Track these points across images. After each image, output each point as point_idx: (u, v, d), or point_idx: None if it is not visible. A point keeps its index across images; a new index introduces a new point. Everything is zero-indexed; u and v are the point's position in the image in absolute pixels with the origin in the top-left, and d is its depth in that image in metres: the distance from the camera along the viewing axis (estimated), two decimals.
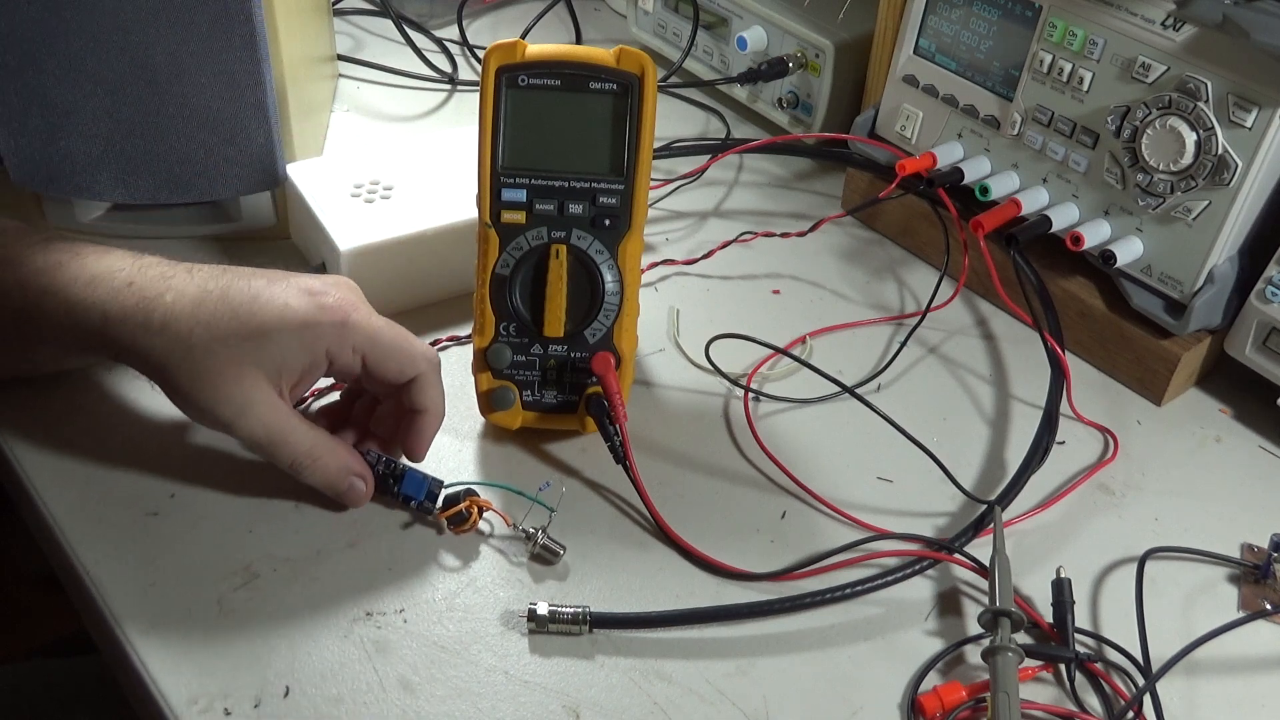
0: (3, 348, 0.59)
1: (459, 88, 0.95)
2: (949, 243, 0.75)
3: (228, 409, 0.54)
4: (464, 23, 1.00)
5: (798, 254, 0.79)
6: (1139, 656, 0.54)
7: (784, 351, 0.68)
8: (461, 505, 0.57)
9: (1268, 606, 0.58)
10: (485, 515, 0.58)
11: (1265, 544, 0.60)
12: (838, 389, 0.65)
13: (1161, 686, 0.53)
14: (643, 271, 0.63)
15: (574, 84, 0.57)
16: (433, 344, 0.68)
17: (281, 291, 0.55)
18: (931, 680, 0.53)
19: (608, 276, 0.60)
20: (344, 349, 0.55)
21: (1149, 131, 0.64)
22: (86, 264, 0.55)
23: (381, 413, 0.61)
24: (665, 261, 0.76)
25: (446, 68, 0.96)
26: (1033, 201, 0.70)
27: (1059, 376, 0.66)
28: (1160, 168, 0.64)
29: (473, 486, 0.58)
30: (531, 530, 0.57)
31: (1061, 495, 0.63)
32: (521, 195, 0.59)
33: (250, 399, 0.54)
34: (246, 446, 0.56)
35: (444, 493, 0.58)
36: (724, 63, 0.93)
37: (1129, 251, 0.67)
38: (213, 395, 0.53)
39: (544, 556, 0.57)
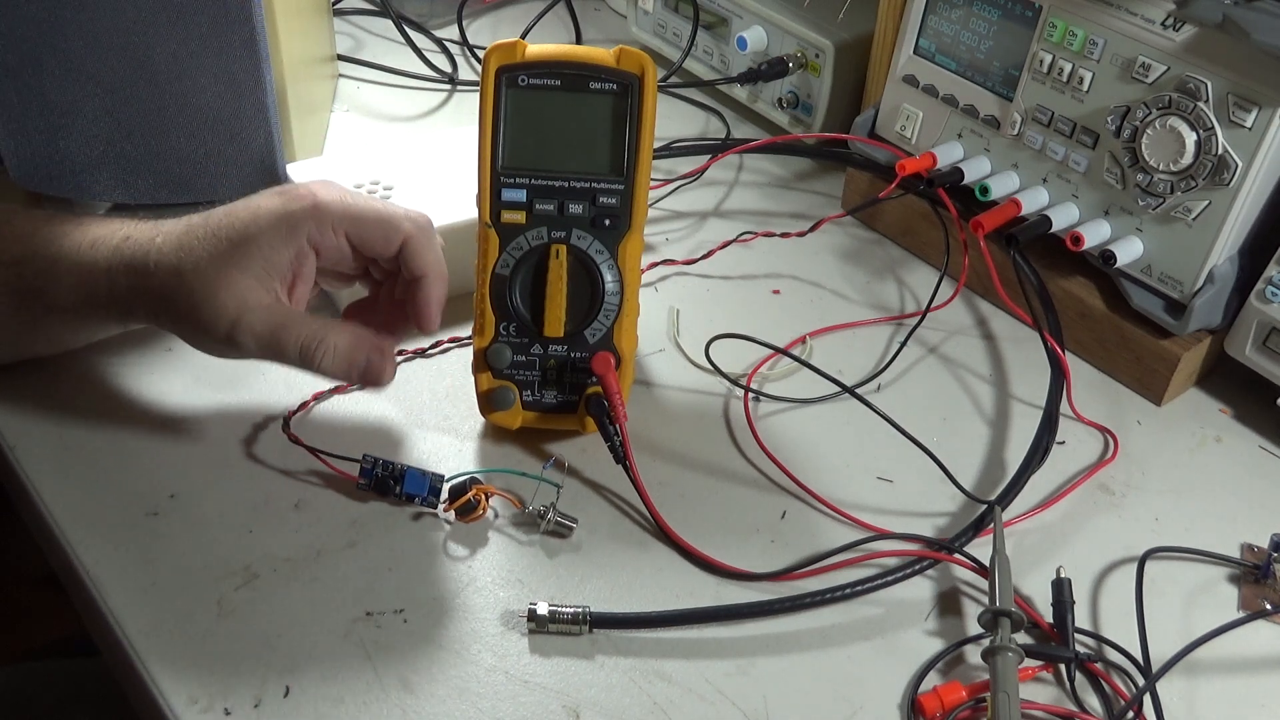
0: (16, 324, 0.59)
1: (459, 88, 0.95)
2: (949, 243, 0.75)
3: (227, 316, 0.54)
4: (464, 23, 1.00)
5: (798, 254, 0.79)
6: (1139, 656, 0.54)
7: (784, 351, 0.68)
8: (469, 495, 0.57)
9: (1268, 606, 0.58)
10: (491, 501, 0.58)
11: (1265, 544, 0.60)
12: (838, 389, 0.65)
13: (1161, 686, 0.53)
14: (643, 271, 0.63)
15: (574, 84, 0.57)
16: (433, 345, 0.68)
17: (254, 199, 0.56)
18: (931, 680, 0.53)
19: (608, 276, 0.60)
20: (325, 231, 0.56)
21: (1149, 131, 0.64)
22: (88, 230, 0.57)
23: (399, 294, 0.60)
24: (665, 261, 0.76)
25: (446, 68, 0.96)
26: (1033, 201, 0.70)
27: (1059, 376, 0.66)
28: (1160, 168, 0.64)
29: (475, 475, 0.58)
30: (542, 509, 0.57)
31: (1061, 495, 0.63)
32: (521, 195, 0.59)
33: (245, 302, 0.54)
34: (256, 353, 0.55)
35: (447, 485, 0.58)
36: (724, 63, 0.93)
37: (1129, 251, 0.67)
38: (210, 311, 0.54)
39: (559, 532, 0.57)
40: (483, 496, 0.57)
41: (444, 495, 0.58)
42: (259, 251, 0.55)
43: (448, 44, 0.99)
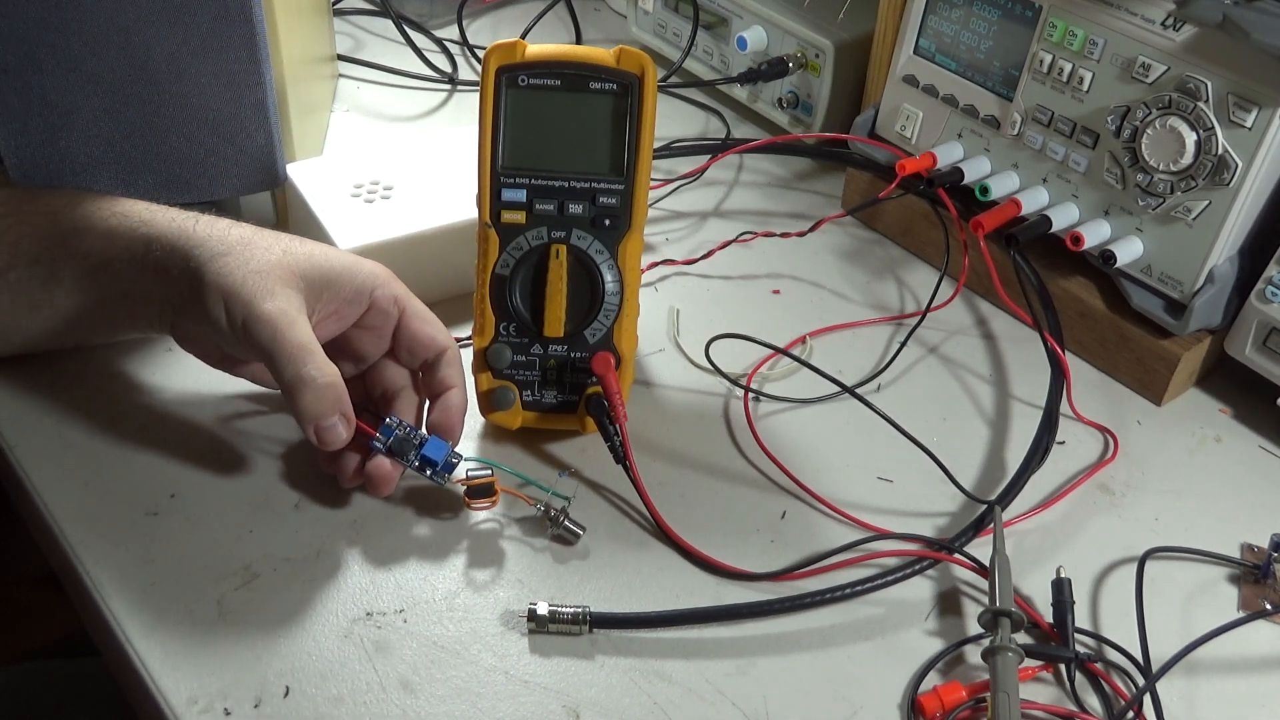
0: (29, 282, 0.59)
1: (459, 88, 0.95)
2: (949, 243, 0.75)
3: (269, 301, 0.54)
4: (464, 23, 1.01)
5: (798, 254, 0.79)
6: (1139, 656, 0.54)
7: (784, 351, 0.68)
8: (489, 479, 0.57)
9: (1268, 606, 0.58)
10: (501, 499, 0.58)
11: (1265, 544, 0.60)
12: (838, 389, 0.65)
13: (1161, 686, 0.53)
14: (643, 271, 0.63)
15: (574, 84, 0.57)
16: None
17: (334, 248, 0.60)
18: (931, 680, 0.53)
19: (608, 276, 0.60)
20: (387, 295, 0.58)
21: (1149, 131, 0.64)
22: (143, 200, 0.60)
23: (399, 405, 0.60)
24: (665, 261, 0.76)
25: (446, 68, 0.96)
26: (1033, 201, 0.70)
27: (1059, 376, 0.66)
28: (1160, 168, 0.64)
29: (495, 466, 0.58)
30: (554, 511, 0.57)
31: (1061, 495, 0.63)
32: (521, 195, 0.59)
33: (291, 299, 0.55)
34: (256, 346, 0.54)
35: (465, 466, 0.57)
36: (724, 63, 0.93)
37: (1129, 251, 0.67)
38: (255, 284, 0.54)
39: (564, 537, 0.57)
40: (497, 488, 0.57)
41: (457, 474, 0.58)
42: (328, 273, 0.57)
43: (448, 44, 0.99)
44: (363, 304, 0.58)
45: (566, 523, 0.57)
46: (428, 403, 0.60)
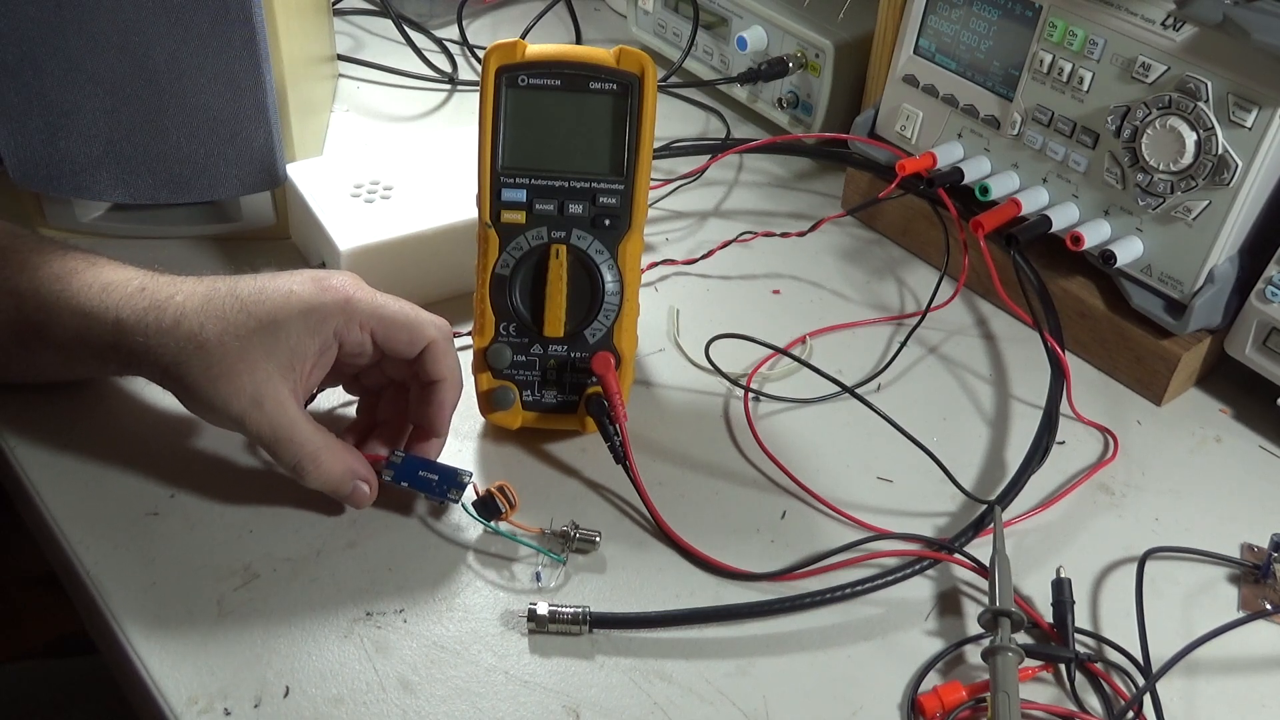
0: (11, 353, 0.59)
1: (459, 88, 0.95)
2: (949, 243, 0.75)
3: (240, 402, 0.54)
4: (464, 23, 1.00)
5: (798, 254, 0.79)
6: (1139, 656, 0.54)
7: (784, 351, 0.68)
8: (495, 495, 0.56)
9: (1268, 606, 0.58)
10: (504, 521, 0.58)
11: (1265, 544, 0.60)
12: (838, 389, 0.65)
13: (1161, 686, 0.53)
14: (643, 271, 0.63)
15: (574, 84, 0.57)
16: None
17: (286, 281, 0.56)
18: (931, 680, 0.53)
19: (608, 276, 0.60)
20: (351, 327, 0.56)
21: (1149, 131, 0.64)
22: (101, 272, 0.57)
23: (412, 400, 0.60)
24: (665, 261, 0.76)
25: (446, 68, 0.96)
26: (1033, 201, 0.70)
27: (1059, 376, 0.66)
28: (1160, 168, 0.64)
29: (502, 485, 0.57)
30: (565, 528, 0.57)
31: (1061, 495, 0.63)
32: (521, 195, 0.59)
33: (262, 393, 0.54)
34: (253, 441, 0.56)
35: (470, 501, 0.57)
36: (724, 63, 0.93)
37: (1129, 251, 0.67)
38: (225, 389, 0.54)
39: (584, 548, 0.57)
40: (502, 498, 0.57)
41: (470, 495, 0.57)
42: (286, 339, 0.54)
43: (448, 44, 0.99)
44: (333, 350, 0.56)
45: (579, 535, 0.57)
46: (420, 394, 0.60)
